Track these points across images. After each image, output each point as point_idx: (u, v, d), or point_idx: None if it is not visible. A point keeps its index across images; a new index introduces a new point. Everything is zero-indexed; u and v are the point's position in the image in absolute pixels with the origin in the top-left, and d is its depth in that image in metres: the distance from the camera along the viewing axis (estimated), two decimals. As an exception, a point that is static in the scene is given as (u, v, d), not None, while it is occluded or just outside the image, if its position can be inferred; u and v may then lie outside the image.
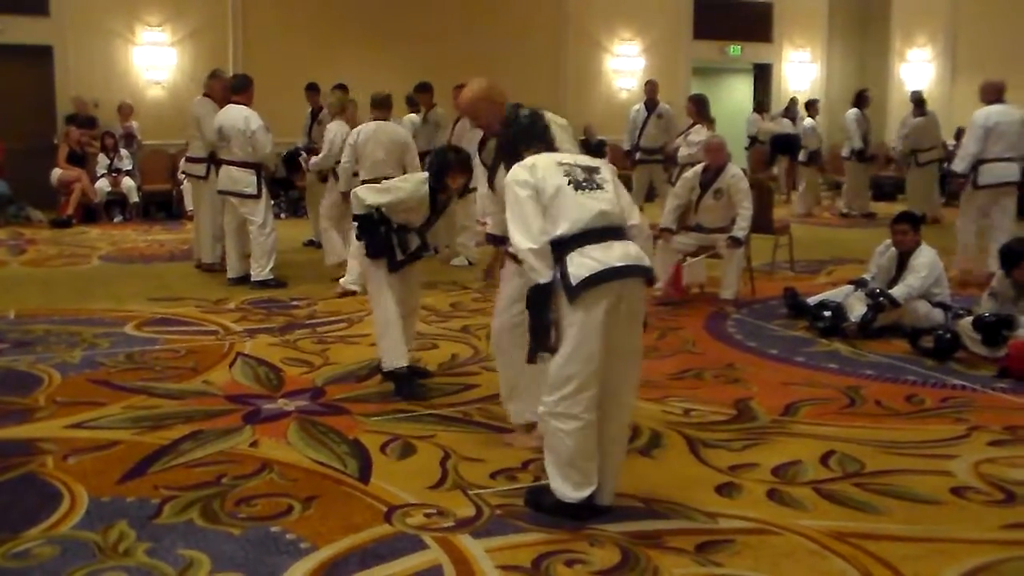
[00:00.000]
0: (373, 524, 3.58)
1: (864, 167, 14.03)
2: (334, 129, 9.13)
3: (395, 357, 5.16)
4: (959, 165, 8.87)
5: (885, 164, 15.53)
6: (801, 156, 14.51)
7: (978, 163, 8.61)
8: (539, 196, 3.53)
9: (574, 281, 3.42)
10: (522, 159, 3.72)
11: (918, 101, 13.19)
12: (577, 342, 3.45)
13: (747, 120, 16.35)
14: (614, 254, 3.50)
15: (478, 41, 14.93)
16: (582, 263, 3.45)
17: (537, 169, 3.59)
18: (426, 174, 5.19)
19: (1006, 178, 8.65)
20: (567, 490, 3.57)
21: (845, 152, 13.87)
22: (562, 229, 3.50)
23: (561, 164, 3.63)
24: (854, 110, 13.66)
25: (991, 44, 16.00)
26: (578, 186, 3.56)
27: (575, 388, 3.47)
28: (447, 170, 5.03)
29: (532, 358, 3.63)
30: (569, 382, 3.46)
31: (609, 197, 3.62)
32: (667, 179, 11.18)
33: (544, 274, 3.47)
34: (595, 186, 3.61)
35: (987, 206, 8.75)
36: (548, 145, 3.86)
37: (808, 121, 14.83)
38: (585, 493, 3.57)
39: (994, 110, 8.69)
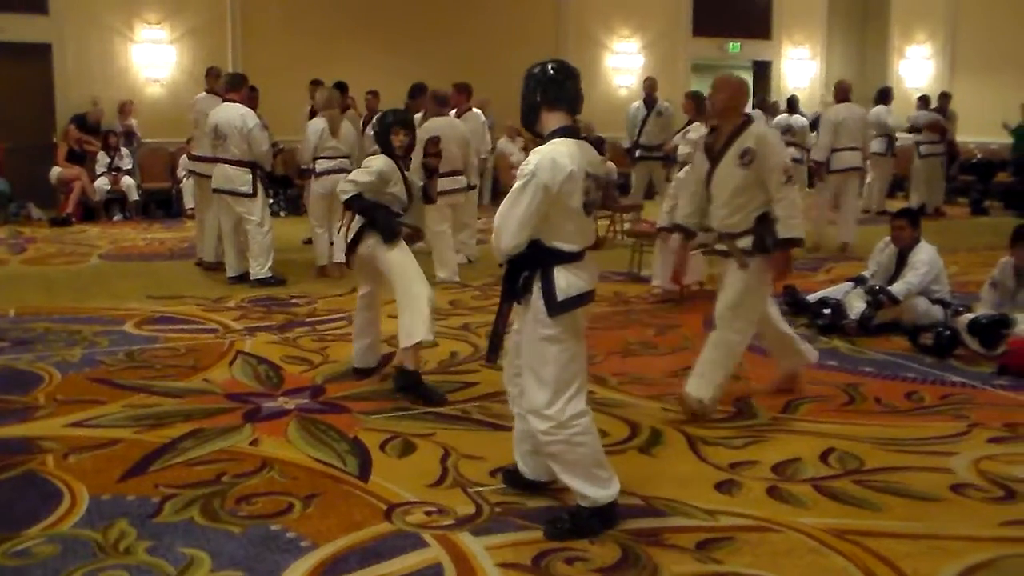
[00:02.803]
0: (373, 522, 3.58)
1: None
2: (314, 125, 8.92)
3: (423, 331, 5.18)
4: (817, 154, 10.65)
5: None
6: (794, 153, 14.25)
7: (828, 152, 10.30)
8: (550, 200, 3.36)
9: (561, 296, 3.42)
10: (539, 119, 3.54)
11: (924, 99, 14.44)
12: (573, 346, 3.49)
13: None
14: (593, 273, 3.57)
15: (478, 38, 14.94)
16: (571, 281, 3.45)
17: (561, 171, 3.35)
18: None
19: (851, 164, 10.38)
20: (602, 491, 3.50)
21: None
22: (560, 244, 3.45)
23: (588, 176, 3.45)
24: (880, 107, 13.49)
25: (990, 41, 16.01)
26: (589, 209, 3.51)
27: (577, 387, 3.50)
28: (389, 129, 5.35)
29: (493, 358, 3.69)
30: (571, 384, 3.47)
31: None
32: (666, 177, 11.15)
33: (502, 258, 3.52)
34: (596, 204, 3.58)
35: (838, 187, 10.43)
36: (574, 109, 3.56)
37: (785, 117, 14.50)
38: (617, 486, 3.54)
39: (842, 107, 10.42)
